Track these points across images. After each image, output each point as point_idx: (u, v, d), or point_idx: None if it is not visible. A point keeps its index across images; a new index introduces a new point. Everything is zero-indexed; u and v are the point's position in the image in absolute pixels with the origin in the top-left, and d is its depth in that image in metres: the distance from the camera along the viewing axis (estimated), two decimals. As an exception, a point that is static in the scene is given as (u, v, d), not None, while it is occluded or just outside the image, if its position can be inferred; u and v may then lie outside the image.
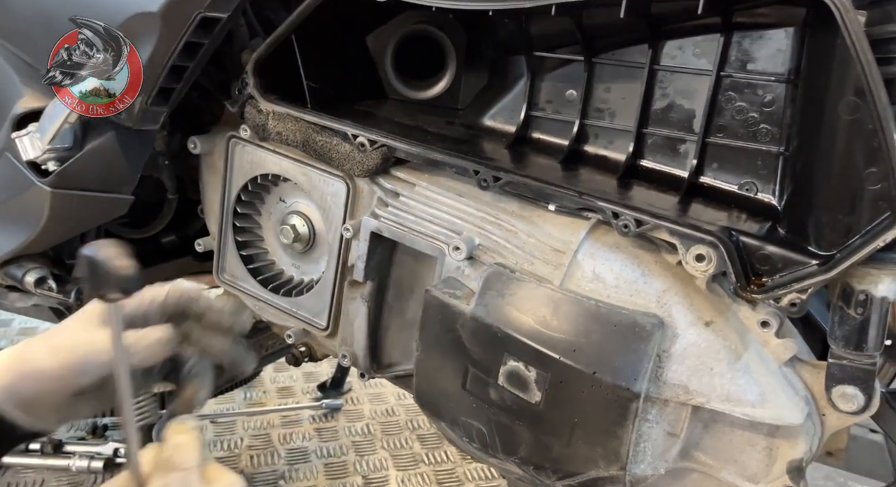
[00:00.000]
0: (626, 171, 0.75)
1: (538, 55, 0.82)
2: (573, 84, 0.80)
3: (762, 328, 0.72)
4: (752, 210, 0.69)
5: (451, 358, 0.82)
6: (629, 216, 0.72)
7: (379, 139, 0.85)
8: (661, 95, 0.76)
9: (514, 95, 0.86)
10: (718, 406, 0.71)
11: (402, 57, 0.90)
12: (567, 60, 0.80)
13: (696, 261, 0.69)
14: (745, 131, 0.71)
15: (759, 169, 0.70)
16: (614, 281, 0.75)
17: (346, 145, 0.88)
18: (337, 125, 0.87)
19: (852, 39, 0.55)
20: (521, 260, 0.81)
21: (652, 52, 0.75)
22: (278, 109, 0.91)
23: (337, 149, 0.90)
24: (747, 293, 0.65)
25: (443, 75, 0.87)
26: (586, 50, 0.78)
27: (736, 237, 0.67)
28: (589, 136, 0.80)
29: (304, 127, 0.90)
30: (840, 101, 0.61)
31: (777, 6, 0.68)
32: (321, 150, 0.91)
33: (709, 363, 0.71)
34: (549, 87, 0.82)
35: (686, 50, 0.74)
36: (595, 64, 0.78)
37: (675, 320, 0.72)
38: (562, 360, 0.72)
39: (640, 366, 0.70)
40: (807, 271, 0.63)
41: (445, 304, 0.81)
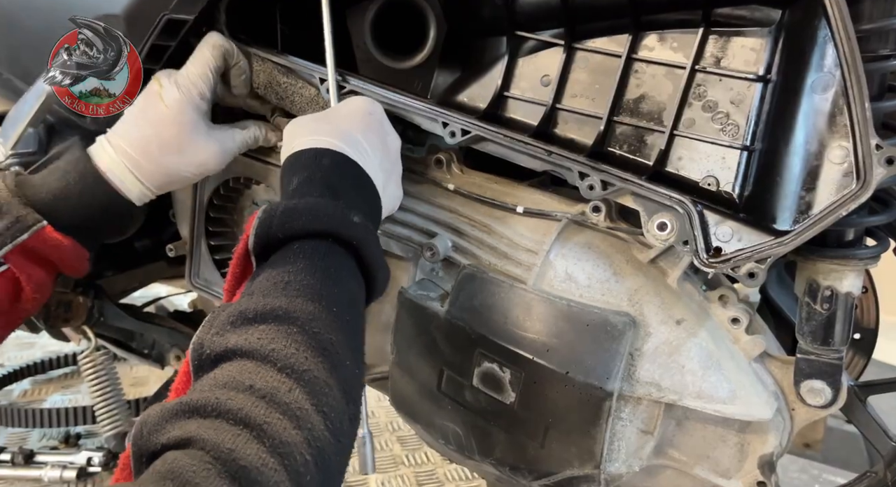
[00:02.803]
0: (591, 154, 0.76)
1: (520, 35, 0.82)
2: (550, 68, 0.81)
3: (732, 324, 0.73)
4: (713, 201, 0.71)
5: (426, 359, 0.82)
6: (596, 177, 0.73)
7: (348, 85, 0.83)
8: (635, 86, 0.77)
9: (489, 75, 0.85)
10: (690, 404, 0.72)
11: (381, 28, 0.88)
12: (547, 43, 0.81)
13: (658, 230, 0.70)
14: (713, 126, 0.72)
15: (722, 163, 0.72)
16: (586, 281, 0.76)
17: (310, 89, 0.86)
18: (304, 66, 0.85)
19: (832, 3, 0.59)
20: (495, 261, 0.81)
21: (631, 41, 0.75)
22: (246, 49, 0.89)
23: (301, 93, 0.87)
24: (707, 262, 0.67)
25: (423, 47, 0.86)
26: (568, 34, 0.79)
27: (700, 207, 0.69)
28: (559, 121, 0.81)
29: (270, 68, 0.88)
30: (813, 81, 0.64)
31: (754, 6, 0.70)
32: (283, 94, 0.88)
33: (680, 361, 0.72)
34: (526, 70, 0.83)
35: (665, 42, 0.75)
36: (575, 49, 0.79)
37: (647, 318, 0.73)
38: (535, 360, 0.73)
39: (613, 365, 0.71)
40: (765, 241, 0.66)
41: (419, 306, 0.81)
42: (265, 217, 0.62)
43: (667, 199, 0.70)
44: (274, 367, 0.49)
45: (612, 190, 0.73)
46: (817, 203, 0.66)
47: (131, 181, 0.82)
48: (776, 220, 0.68)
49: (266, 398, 0.47)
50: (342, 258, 0.61)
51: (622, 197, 0.74)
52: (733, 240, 0.68)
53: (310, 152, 0.69)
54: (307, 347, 0.51)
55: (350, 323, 0.58)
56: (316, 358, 0.51)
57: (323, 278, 0.57)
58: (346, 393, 0.52)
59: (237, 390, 0.47)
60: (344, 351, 0.54)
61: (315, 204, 0.62)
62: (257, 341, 0.51)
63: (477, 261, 0.82)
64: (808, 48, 0.66)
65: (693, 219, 0.68)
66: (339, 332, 0.55)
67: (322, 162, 0.68)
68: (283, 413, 0.46)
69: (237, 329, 0.52)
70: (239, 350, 0.51)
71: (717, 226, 0.69)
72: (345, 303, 0.58)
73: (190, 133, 0.81)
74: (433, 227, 0.86)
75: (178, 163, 0.83)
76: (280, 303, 0.53)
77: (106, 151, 0.82)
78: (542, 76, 0.82)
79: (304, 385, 0.49)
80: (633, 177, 0.72)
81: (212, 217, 1.04)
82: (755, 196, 0.71)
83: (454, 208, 0.86)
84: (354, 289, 0.62)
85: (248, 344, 0.51)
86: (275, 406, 0.46)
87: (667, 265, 0.74)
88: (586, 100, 0.79)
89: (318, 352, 0.51)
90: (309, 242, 0.60)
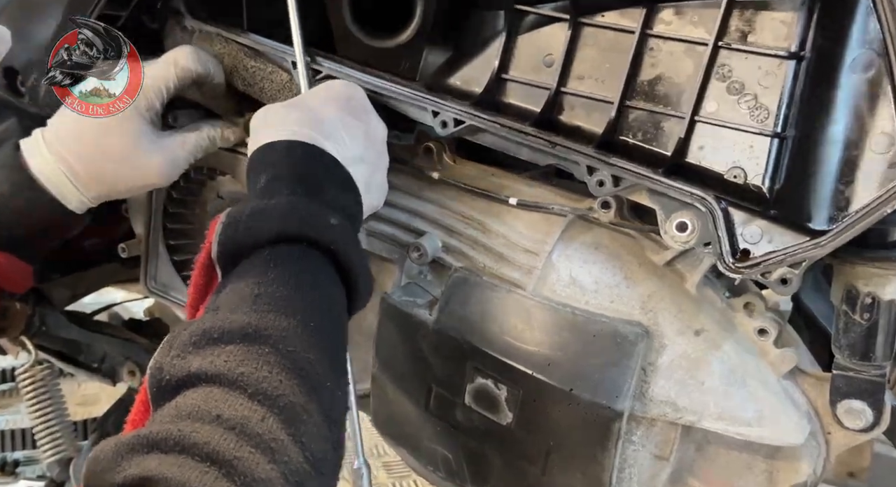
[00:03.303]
0: (601, 144, 0.73)
1: (520, 9, 0.78)
2: (554, 46, 0.77)
3: (759, 336, 0.70)
4: (741, 195, 0.67)
5: (412, 375, 0.79)
6: (606, 172, 0.69)
7: (323, 68, 0.79)
8: (651, 65, 0.73)
9: (485, 55, 0.81)
10: (711, 426, 0.69)
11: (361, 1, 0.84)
12: (550, 18, 0.77)
13: (678, 231, 0.66)
14: (739, 111, 0.69)
15: (750, 152, 0.68)
16: (593, 286, 0.72)
17: (281, 74, 0.81)
18: (274, 47, 0.80)
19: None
20: (490, 263, 0.78)
21: (646, 15, 0.72)
22: (207, 28, 0.84)
23: (270, 79, 0.82)
24: (733, 267, 0.64)
25: (409, 23, 0.80)
26: (574, 8, 0.75)
27: (725, 205, 0.65)
28: (564, 106, 0.77)
29: (235, 50, 0.83)
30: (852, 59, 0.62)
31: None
32: (251, 80, 0.83)
33: (700, 376, 0.69)
34: (526, 48, 0.79)
35: (684, 16, 0.71)
36: (581, 25, 0.75)
37: (662, 329, 0.70)
38: (535, 376, 0.70)
39: (623, 381, 0.68)
40: (799, 243, 0.63)
41: (405, 314, 0.78)
42: (230, 221, 0.59)
43: (687, 196, 0.66)
44: (244, 393, 0.47)
45: (625, 186, 0.69)
46: (858, 198, 0.62)
47: (69, 190, 0.76)
48: (811, 218, 0.64)
49: (236, 429, 0.44)
50: (319, 264, 0.59)
51: (636, 193, 0.70)
52: (763, 242, 0.65)
53: (280, 145, 0.66)
54: (281, 369, 0.49)
55: (330, 339, 0.56)
56: (292, 381, 0.49)
57: (298, 288, 0.55)
58: (327, 418, 0.50)
59: (202, 421, 0.45)
60: (324, 371, 0.52)
61: (286, 204, 0.60)
62: (224, 364, 0.48)
63: (470, 263, 0.79)
64: (847, 21, 0.63)
65: (717, 218, 0.65)
66: (318, 350, 0.53)
67: (293, 156, 0.65)
68: (256, 445, 0.44)
69: (201, 350, 0.50)
70: (203, 374, 0.48)
71: (744, 225, 0.65)
72: (324, 317, 0.56)
73: (134, 145, 0.76)
74: (421, 225, 0.82)
75: (119, 177, 0.78)
76: (249, 320, 0.51)
77: (41, 152, 0.76)
78: (545, 56, 0.78)
79: (279, 412, 0.47)
80: (648, 172, 0.68)
81: (171, 212, 1.00)
82: (787, 190, 0.67)
83: (445, 203, 0.82)
84: (335, 300, 0.59)
85: (214, 367, 0.48)
86: (246, 438, 0.44)
87: (685, 268, 0.71)
88: (595, 82, 0.75)
89: (295, 374, 0.49)
90: (281, 248, 0.58)
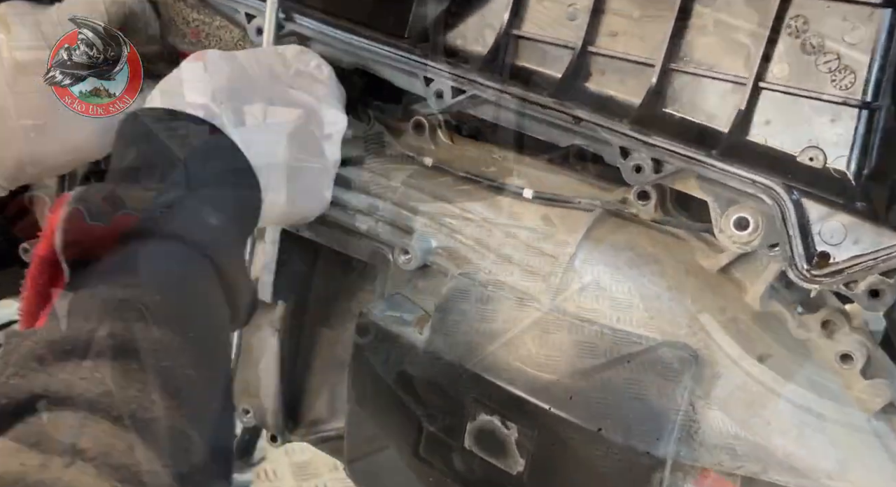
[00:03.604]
0: (638, 119, 0.66)
1: None
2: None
3: (843, 363, 0.62)
4: (818, 183, 0.60)
5: (398, 411, 0.73)
6: (645, 154, 0.63)
7: (289, 24, 0.73)
8: (701, 17, 0.66)
9: (492, 6, 0.74)
10: (779, 479, 0.62)
11: None
12: None
13: (736, 229, 0.60)
14: (817, 74, 0.62)
15: (831, 127, 0.61)
16: (627, 298, 0.67)
17: (231, 30, 0.78)
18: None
19: None
20: (496, 269, 0.71)
21: None
22: None
23: (219, 36, 0.79)
24: (808, 275, 0.58)
25: None
26: None
27: (797, 195, 0.59)
28: (592, 71, 0.70)
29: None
30: None
31: None
32: (192, 37, 0.80)
33: (765, 415, 0.62)
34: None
35: None
36: None
37: (715, 354, 0.64)
38: (553, 412, 0.65)
39: (665, 420, 0.63)
40: (894, 244, 0.56)
41: (389, 333, 0.73)
42: (79, 205, 0.54)
43: (749, 185, 0.60)
44: (106, 418, 0.43)
45: (669, 172, 0.63)
46: None
47: None
48: (912, 213, 0.58)
49: (96, 461, 0.41)
50: (197, 268, 0.55)
51: (683, 181, 0.63)
52: (847, 243, 0.58)
53: (164, 115, 0.61)
54: (154, 388, 0.46)
55: (213, 352, 0.53)
56: (168, 402, 0.45)
57: (174, 293, 0.52)
58: (212, 447, 0.48)
59: (51, 453, 0.41)
60: (207, 391, 0.50)
61: (154, 192, 0.56)
62: (80, 382, 0.44)
63: (470, 269, 0.73)
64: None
65: (787, 213, 0.58)
66: (200, 366, 0.49)
67: (177, 131, 0.61)
68: (123, 479, 0.41)
69: (47, 366, 0.45)
70: (53, 395, 0.44)
71: (822, 221, 0.59)
72: (205, 327, 0.53)
73: (54, 104, 0.73)
74: (409, 220, 0.76)
75: (38, 149, 0.74)
76: (113, 329, 0.47)
77: None
78: (568, 6, 0.71)
79: (152, 439, 0.43)
80: (699, 154, 0.61)
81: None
82: (879, 176, 0.60)
83: (439, 193, 0.76)
84: (216, 310, 0.56)
85: (67, 386, 0.44)
86: (109, 470, 0.41)
87: (745, 276, 0.65)
88: (632, 39, 0.68)
89: (171, 394, 0.46)
90: (149, 244, 0.54)
